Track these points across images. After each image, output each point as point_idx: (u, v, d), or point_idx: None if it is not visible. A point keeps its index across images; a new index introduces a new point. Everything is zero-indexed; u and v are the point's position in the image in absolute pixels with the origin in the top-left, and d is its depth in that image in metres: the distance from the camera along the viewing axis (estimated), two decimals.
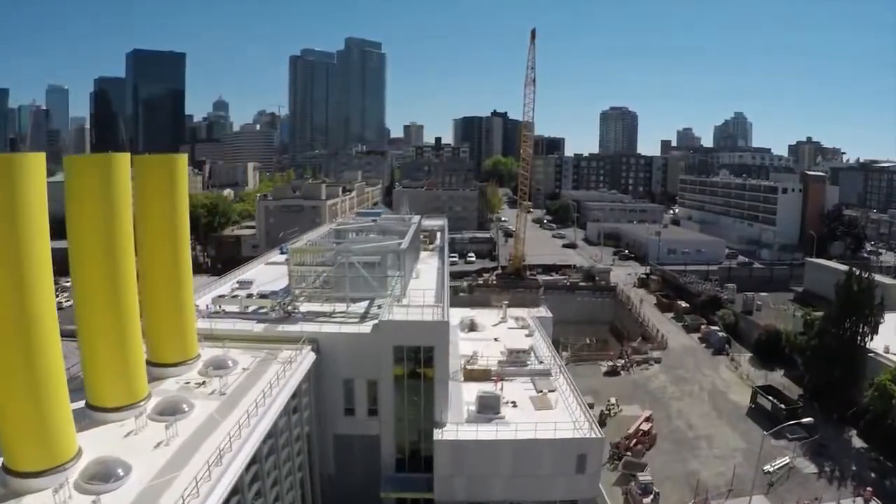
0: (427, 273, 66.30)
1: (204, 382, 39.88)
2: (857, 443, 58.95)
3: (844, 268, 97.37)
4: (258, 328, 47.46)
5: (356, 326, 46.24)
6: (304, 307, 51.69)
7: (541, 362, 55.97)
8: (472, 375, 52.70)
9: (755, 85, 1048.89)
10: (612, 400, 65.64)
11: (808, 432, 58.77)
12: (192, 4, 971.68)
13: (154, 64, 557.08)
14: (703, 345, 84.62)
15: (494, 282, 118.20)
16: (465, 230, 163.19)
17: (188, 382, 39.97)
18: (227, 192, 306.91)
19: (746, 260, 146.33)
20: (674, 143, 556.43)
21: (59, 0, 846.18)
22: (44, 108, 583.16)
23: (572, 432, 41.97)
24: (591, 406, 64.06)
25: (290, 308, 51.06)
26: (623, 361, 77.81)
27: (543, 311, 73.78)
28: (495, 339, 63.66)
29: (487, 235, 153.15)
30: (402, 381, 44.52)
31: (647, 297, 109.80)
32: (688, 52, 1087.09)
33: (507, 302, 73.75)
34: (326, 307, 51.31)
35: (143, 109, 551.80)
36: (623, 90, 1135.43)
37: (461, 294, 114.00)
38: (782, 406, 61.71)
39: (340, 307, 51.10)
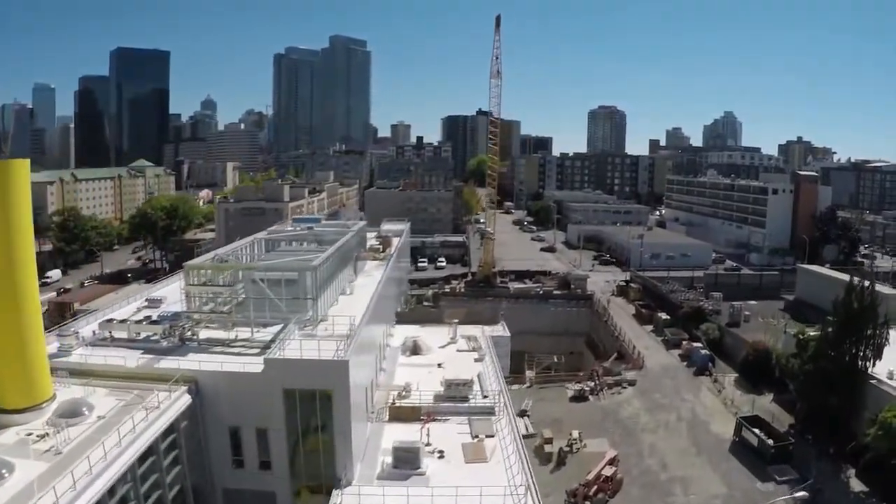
0: (366, 288, 57.39)
1: (46, 435, 31.40)
2: (857, 485, 50.40)
3: (839, 275, 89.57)
4: (134, 362, 38.78)
5: (243, 363, 37.37)
6: (205, 333, 43.26)
7: (485, 396, 47.31)
8: (399, 415, 44.01)
9: (746, 84, 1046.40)
10: (575, 433, 56.79)
11: (800, 472, 50.82)
12: (185, 2, 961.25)
13: (138, 62, 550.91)
14: (685, 363, 76.08)
15: (462, 290, 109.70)
16: (440, 233, 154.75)
17: (30, 434, 31.54)
18: (205, 192, 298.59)
19: (734, 265, 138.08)
20: (663, 143, 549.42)
21: None
22: (29, 106, 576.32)
23: (503, 498, 33.24)
24: (549, 441, 55.73)
25: (188, 335, 42.64)
26: (593, 384, 69.10)
27: (501, 329, 65.01)
28: (439, 365, 54.88)
29: (460, 239, 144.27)
30: (297, 432, 36.23)
31: (626, 307, 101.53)
32: (678, 52, 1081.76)
33: (457, 320, 65.05)
34: (231, 334, 42.96)
35: (128, 108, 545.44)
36: (613, 90, 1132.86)
37: (425, 304, 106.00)
38: (770, 442, 53.26)
39: (246, 333, 42.80)
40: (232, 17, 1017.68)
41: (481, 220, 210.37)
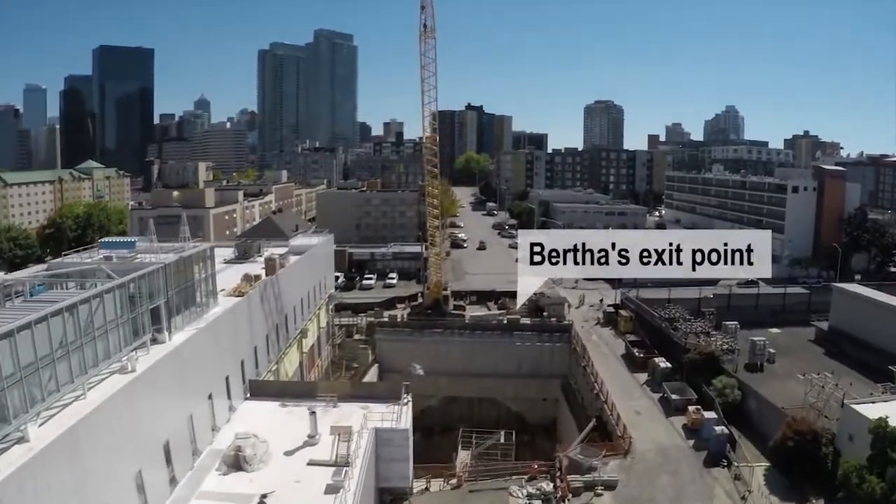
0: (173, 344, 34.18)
1: None
2: None
3: (890, 300, 66.69)
4: None
5: None
6: None
7: None
8: None
9: (747, 77, 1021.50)
10: None
11: None
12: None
13: (122, 61, 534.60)
14: (691, 442, 52.29)
15: (405, 319, 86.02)
16: (398, 242, 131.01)
17: None
18: (175, 194, 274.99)
19: (750, 279, 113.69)
20: (663, 139, 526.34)
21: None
22: (16, 107, 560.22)
23: None
24: None
25: None
26: (552, 486, 45.39)
27: (396, 417, 41.31)
28: (263, 499, 31.60)
29: (416, 250, 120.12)
30: None
31: (613, 344, 77.78)
32: (676, 46, 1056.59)
33: (335, 395, 41.76)
34: None
35: (113, 108, 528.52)
36: (610, 85, 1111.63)
37: (356, 337, 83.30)
38: None
39: None
40: (221, 12, 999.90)
41: (459, 224, 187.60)
